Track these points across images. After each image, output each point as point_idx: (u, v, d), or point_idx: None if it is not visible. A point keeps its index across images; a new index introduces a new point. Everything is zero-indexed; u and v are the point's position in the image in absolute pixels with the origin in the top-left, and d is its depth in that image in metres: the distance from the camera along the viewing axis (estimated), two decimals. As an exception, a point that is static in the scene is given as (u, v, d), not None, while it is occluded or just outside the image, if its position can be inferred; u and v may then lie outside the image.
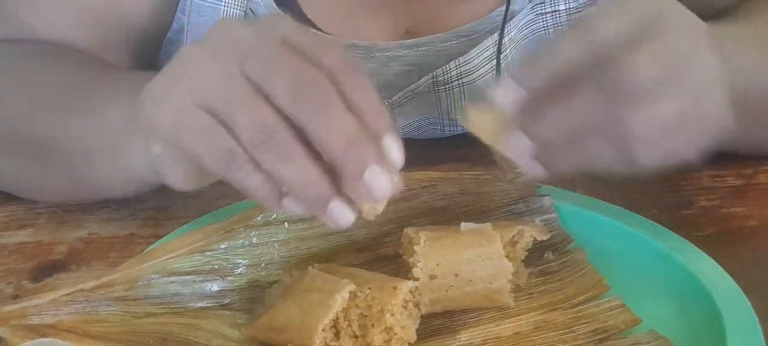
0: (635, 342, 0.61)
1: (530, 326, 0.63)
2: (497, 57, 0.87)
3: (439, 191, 0.73)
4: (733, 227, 0.74)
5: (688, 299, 0.64)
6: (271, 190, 0.57)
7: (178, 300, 0.64)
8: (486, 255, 0.63)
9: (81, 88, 0.77)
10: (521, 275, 0.67)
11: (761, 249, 0.71)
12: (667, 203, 0.77)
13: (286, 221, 0.69)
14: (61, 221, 0.78)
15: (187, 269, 0.65)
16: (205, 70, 0.58)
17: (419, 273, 0.63)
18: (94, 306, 0.62)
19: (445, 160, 0.83)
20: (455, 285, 0.63)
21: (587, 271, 0.68)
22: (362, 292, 0.59)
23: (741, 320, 0.60)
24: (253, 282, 0.67)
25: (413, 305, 0.61)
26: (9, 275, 0.72)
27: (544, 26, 0.89)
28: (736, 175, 0.81)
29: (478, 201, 0.73)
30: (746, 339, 0.58)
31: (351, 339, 0.59)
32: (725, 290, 0.62)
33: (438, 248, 0.63)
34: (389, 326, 0.59)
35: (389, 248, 0.70)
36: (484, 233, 0.65)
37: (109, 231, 0.77)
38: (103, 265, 0.72)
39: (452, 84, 0.88)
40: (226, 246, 0.67)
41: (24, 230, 0.78)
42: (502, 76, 0.61)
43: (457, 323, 0.64)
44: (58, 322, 0.60)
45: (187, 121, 0.58)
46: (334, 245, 0.70)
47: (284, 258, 0.68)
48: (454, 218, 0.70)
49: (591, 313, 0.64)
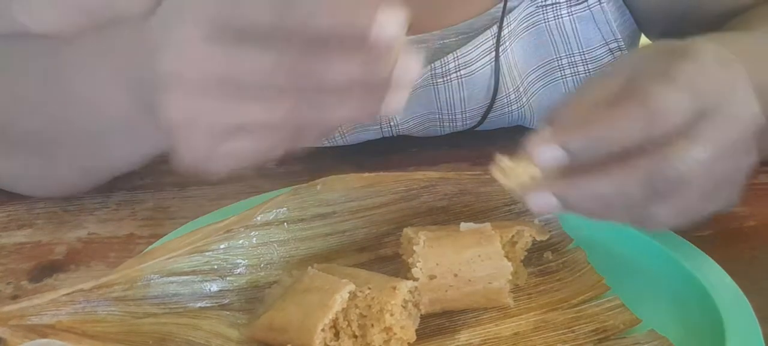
0: (635, 342, 0.61)
1: (530, 326, 0.63)
2: (496, 50, 0.88)
3: (439, 191, 0.73)
4: (733, 227, 0.74)
5: (688, 299, 0.64)
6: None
7: (178, 300, 0.64)
8: (485, 255, 0.63)
9: (59, 73, 0.74)
10: (521, 275, 0.67)
11: (761, 249, 0.71)
12: (667, 203, 0.77)
13: (286, 221, 0.69)
14: (61, 221, 0.78)
15: (186, 269, 0.65)
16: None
17: (419, 273, 0.63)
18: (94, 306, 0.62)
19: (445, 160, 0.83)
20: (455, 285, 0.63)
21: (587, 271, 0.68)
22: (362, 292, 0.59)
23: (741, 320, 0.60)
24: (253, 282, 0.67)
25: (413, 305, 0.61)
26: (8, 275, 0.72)
27: (544, 19, 0.89)
28: (736, 175, 0.81)
29: (477, 201, 0.73)
30: (746, 339, 0.58)
31: (351, 339, 0.59)
32: (725, 290, 0.62)
33: (437, 248, 0.63)
34: (389, 326, 0.59)
35: (389, 248, 0.70)
36: (484, 232, 0.65)
37: (108, 231, 0.77)
38: (102, 265, 0.72)
39: (450, 77, 0.88)
40: (226, 246, 0.67)
41: (23, 230, 0.78)
42: (541, 129, 0.58)
43: (456, 323, 0.64)
44: (58, 322, 0.60)
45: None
46: (333, 245, 0.70)
47: (284, 258, 0.68)
48: (454, 218, 0.70)
49: (591, 313, 0.64)
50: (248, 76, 0.55)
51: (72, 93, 0.71)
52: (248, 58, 0.55)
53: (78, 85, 0.71)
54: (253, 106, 0.56)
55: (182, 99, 0.57)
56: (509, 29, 0.88)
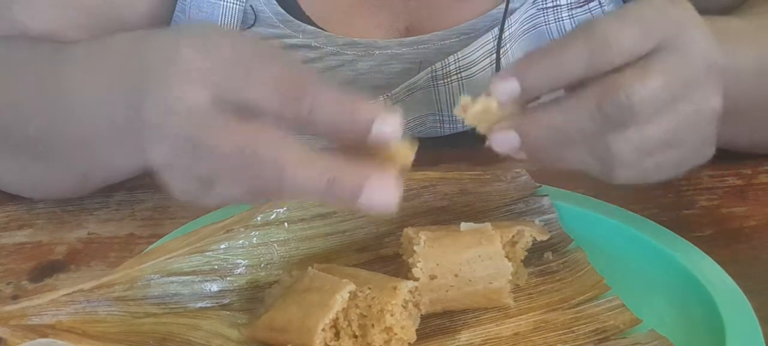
0: (635, 342, 0.61)
1: (530, 326, 0.63)
2: (497, 52, 0.88)
3: (439, 191, 0.73)
4: (733, 227, 0.74)
5: (688, 299, 0.64)
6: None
7: (178, 300, 0.64)
8: (486, 255, 0.63)
9: (56, 80, 0.73)
10: (521, 275, 0.67)
11: (761, 249, 0.71)
12: (667, 203, 0.77)
13: (286, 221, 0.69)
14: (61, 221, 0.78)
15: (186, 269, 0.65)
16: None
17: (419, 273, 0.63)
18: (94, 306, 0.62)
19: (445, 160, 0.83)
20: (455, 285, 0.63)
21: (587, 271, 0.68)
22: (362, 292, 0.59)
23: (741, 321, 0.60)
24: (253, 282, 0.67)
25: (413, 305, 0.61)
26: (8, 275, 0.72)
27: (545, 21, 0.89)
28: (736, 175, 0.81)
29: (478, 201, 0.73)
30: (746, 339, 0.58)
31: (351, 339, 0.59)
32: (725, 290, 0.62)
33: (438, 248, 0.63)
34: (389, 326, 0.59)
35: (389, 248, 0.70)
36: (484, 233, 0.65)
37: (108, 231, 0.77)
38: (102, 265, 0.72)
39: (451, 78, 0.88)
40: (226, 246, 0.67)
41: (23, 230, 0.78)
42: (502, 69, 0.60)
43: (457, 323, 0.64)
44: (58, 322, 0.60)
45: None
46: (334, 245, 0.70)
47: (284, 258, 0.68)
48: (454, 218, 0.70)
49: (591, 313, 0.64)
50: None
51: (67, 100, 0.70)
52: (241, 131, 0.55)
53: (73, 93, 0.70)
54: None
55: (167, 149, 0.56)
56: (510, 31, 0.88)
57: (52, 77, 0.73)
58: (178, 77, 0.56)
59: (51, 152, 0.74)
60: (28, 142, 0.75)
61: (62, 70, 0.72)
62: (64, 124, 0.71)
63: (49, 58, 0.75)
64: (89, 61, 0.69)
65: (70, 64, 0.72)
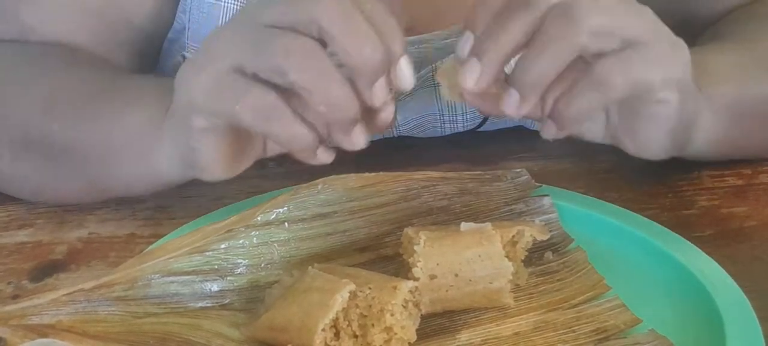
0: (635, 342, 0.61)
1: (530, 326, 0.63)
2: None
3: (439, 191, 0.73)
4: (733, 227, 0.74)
5: (688, 299, 0.64)
6: (311, 138, 0.62)
7: (178, 300, 0.64)
8: (486, 255, 0.63)
9: (98, 91, 0.78)
10: (521, 275, 0.67)
11: (761, 249, 0.71)
12: (667, 203, 0.77)
13: (287, 221, 0.69)
14: (61, 221, 0.78)
15: (187, 269, 0.65)
16: (234, 38, 0.63)
17: (419, 273, 0.63)
18: (94, 306, 0.62)
19: (445, 160, 0.83)
20: (455, 285, 0.63)
21: (587, 271, 0.68)
22: (362, 292, 0.59)
23: (741, 321, 0.60)
24: (253, 282, 0.67)
25: (413, 305, 0.61)
26: (9, 275, 0.72)
27: None
28: (736, 175, 0.81)
29: (478, 201, 0.73)
30: (746, 339, 0.58)
31: (351, 339, 0.59)
32: (725, 290, 0.62)
33: (438, 247, 0.63)
34: (389, 326, 0.59)
35: (389, 248, 0.70)
36: (484, 232, 0.65)
37: (109, 231, 0.77)
38: (103, 265, 0.72)
39: None
40: (226, 246, 0.67)
41: (24, 230, 0.78)
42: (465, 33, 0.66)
43: (457, 323, 0.64)
44: (58, 322, 0.60)
45: (225, 83, 0.62)
46: (334, 245, 0.70)
47: (284, 258, 0.68)
48: (454, 218, 0.70)
49: (591, 313, 0.64)
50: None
51: (97, 108, 0.75)
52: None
53: (104, 103, 0.76)
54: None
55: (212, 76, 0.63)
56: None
57: (105, 87, 0.79)
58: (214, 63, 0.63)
59: (65, 152, 0.75)
60: (46, 140, 0.76)
61: (121, 88, 0.78)
62: (92, 126, 0.75)
63: (116, 77, 0.81)
64: (146, 86, 0.76)
65: (129, 86, 0.79)
